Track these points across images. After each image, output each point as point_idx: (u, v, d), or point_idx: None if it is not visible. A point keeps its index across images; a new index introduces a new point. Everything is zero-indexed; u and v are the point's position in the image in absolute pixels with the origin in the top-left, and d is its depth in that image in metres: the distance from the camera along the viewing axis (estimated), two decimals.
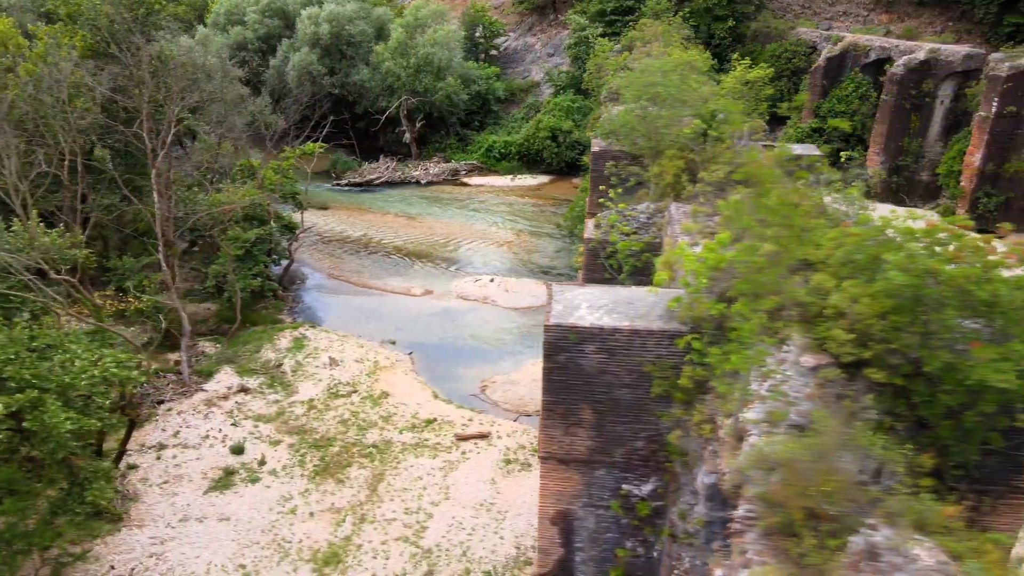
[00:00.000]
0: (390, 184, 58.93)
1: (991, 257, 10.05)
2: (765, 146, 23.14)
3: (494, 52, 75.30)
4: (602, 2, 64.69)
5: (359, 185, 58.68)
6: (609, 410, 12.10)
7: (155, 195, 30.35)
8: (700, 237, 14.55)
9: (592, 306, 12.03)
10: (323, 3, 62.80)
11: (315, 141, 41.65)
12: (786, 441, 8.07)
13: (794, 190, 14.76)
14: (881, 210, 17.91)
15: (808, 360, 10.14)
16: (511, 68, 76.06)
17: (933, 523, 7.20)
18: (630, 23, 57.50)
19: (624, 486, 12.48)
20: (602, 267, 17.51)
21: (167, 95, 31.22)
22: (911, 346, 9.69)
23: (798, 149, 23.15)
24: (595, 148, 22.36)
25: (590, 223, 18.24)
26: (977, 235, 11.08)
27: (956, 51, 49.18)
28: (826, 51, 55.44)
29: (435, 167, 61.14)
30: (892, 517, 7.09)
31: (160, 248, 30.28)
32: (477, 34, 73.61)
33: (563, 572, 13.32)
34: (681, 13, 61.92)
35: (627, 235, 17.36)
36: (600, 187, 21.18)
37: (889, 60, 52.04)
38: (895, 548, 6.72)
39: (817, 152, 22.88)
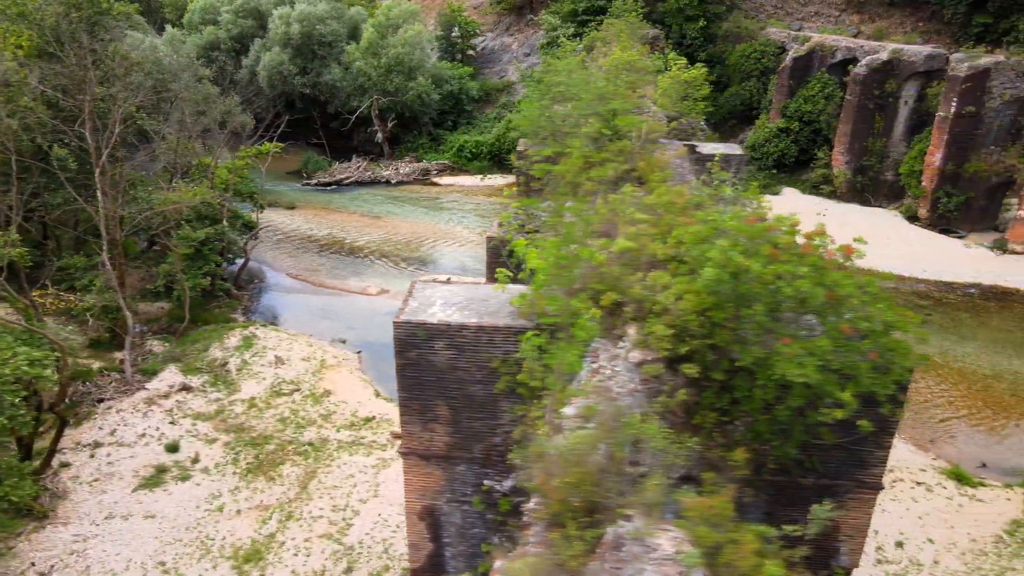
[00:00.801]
0: (360, 184, 59.01)
1: (810, 255, 10.16)
2: (687, 145, 23.30)
3: (471, 52, 75.40)
4: (574, 2, 64.81)
5: (329, 184, 58.77)
6: (464, 406, 12.24)
7: (99, 194, 30.44)
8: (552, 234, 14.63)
9: (446, 303, 12.18)
10: (295, 3, 62.90)
11: (271, 140, 41.70)
12: (571, 434, 8.22)
13: (676, 189, 14.87)
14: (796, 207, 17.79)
15: (635, 356, 10.27)
16: (488, 68, 76.16)
17: (693, 513, 7.33)
18: (602, 23, 57.51)
19: (485, 482, 12.63)
20: (505, 265, 17.62)
21: (111, 94, 31.30)
22: (728, 342, 9.83)
23: (721, 148, 23.26)
24: (520, 148, 22.54)
25: (495, 222, 18.42)
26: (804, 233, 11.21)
27: (918, 51, 49.34)
28: (793, 51, 55.59)
29: (406, 167, 61.26)
30: (648, 508, 7.22)
31: (104, 247, 30.35)
32: (453, 34, 73.71)
33: (435, 567, 13.46)
34: (640, 12, 62.11)
35: (529, 233, 17.48)
36: (520, 186, 21.34)
37: (855, 60, 52.16)
38: (638, 537, 6.84)
39: (739, 151, 22.98)
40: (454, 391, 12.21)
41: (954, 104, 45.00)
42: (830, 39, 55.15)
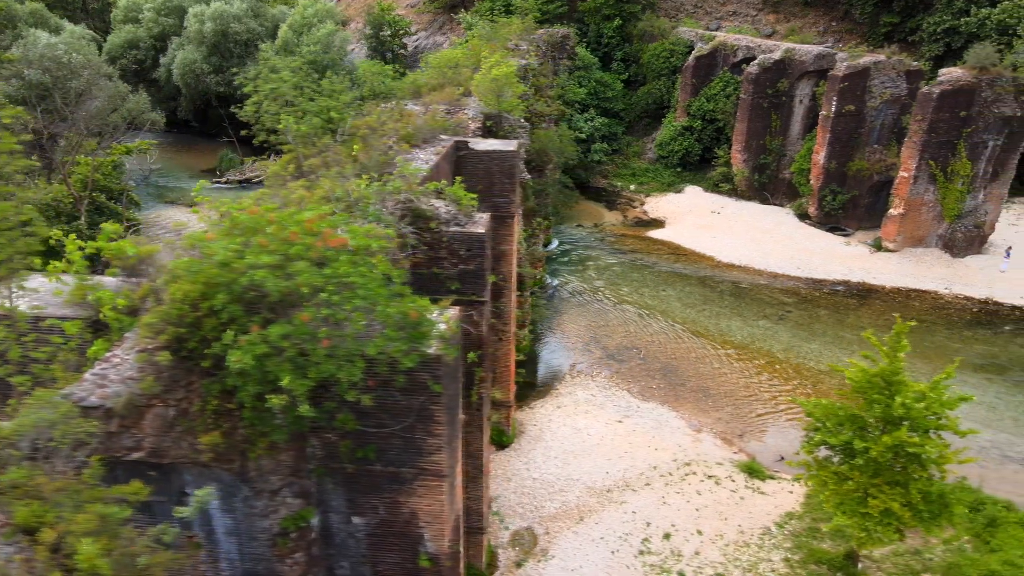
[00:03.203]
0: None
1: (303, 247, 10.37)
2: (459, 141, 23.51)
3: (402, 51, 75.57)
4: (492, 1, 65.17)
5: (240, 182, 58.92)
6: None
7: None
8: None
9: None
10: (210, 1, 63.04)
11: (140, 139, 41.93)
12: None
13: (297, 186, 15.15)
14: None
15: (141, 345, 10.57)
16: (417, 66, 76.38)
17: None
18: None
19: None
20: None
21: None
22: (211, 333, 10.11)
23: (497, 145, 23.49)
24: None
25: None
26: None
27: (809, 51, 49.69)
28: (696, 50, 55.91)
29: None
30: None
31: None
32: (383, 33, 73.88)
33: None
34: (554, 11, 62.62)
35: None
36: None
37: (755, 59, 52.48)
38: None
39: (511, 148, 23.23)
40: None
41: (834, 103, 45.39)
42: (732, 38, 55.50)
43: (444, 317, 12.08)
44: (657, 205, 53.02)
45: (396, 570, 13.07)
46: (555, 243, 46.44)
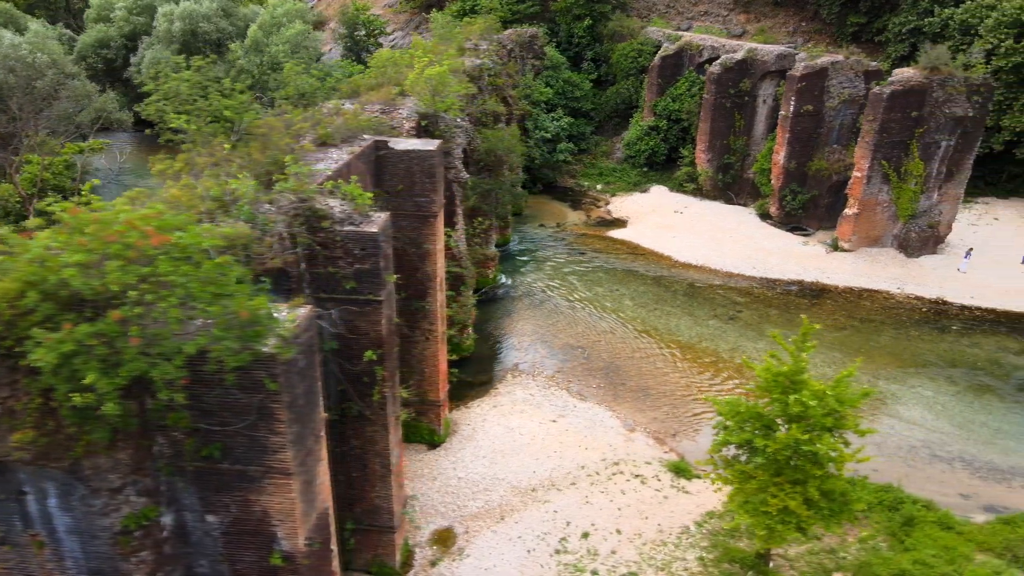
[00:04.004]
0: None
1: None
2: (380, 141, 23.53)
3: (378, 50, 75.61)
4: (463, 2, 65.26)
5: None
6: None
7: None
8: None
9: None
10: (180, 1, 63.05)
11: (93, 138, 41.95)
12: None
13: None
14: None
15: None
16: None
17: None
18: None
19: None
20: None
21: None
22: (26, 331, 10.15)
23: (417, 145, 23.50)
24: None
25: None
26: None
27: (770, 51, 49.73)
28: (662, 50, 55.94)
29: None
30: None
31: None
32: (357, 33, 73.90)
33: None
34: (526, 11, 62.67)
35: None
36: None
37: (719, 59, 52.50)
38: None
39: (431, 148, 23.24)
40: None
41: (793, 103, 45.44)
42: (697, 38, 55.54)
43: (291, 316, 12.12)
44: (621, 205, 53.06)
45: (253, 568, 13.11)
46: (515, 242, 46.48)
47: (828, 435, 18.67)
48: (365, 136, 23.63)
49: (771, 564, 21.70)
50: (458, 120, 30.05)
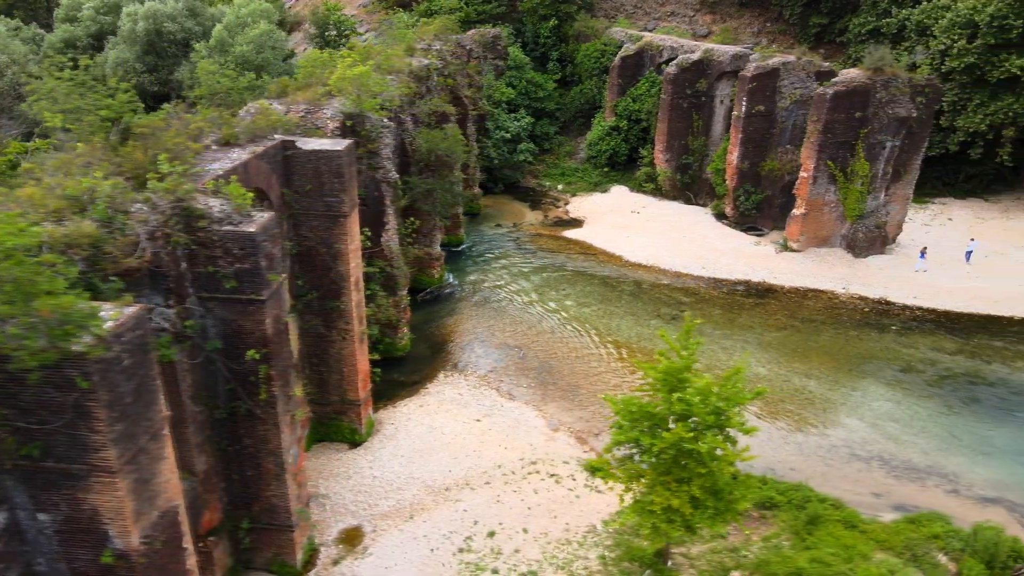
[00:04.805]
0: None
1: None
2: (287, 140, 23.58)
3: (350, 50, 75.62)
4: (431, 2, 65.35)
5: None
6: None
7: None
8: None
9: None
10: (144, 0, 63.02)
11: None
12: None
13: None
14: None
15: None
16: None
17: None
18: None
19: None
20: None
21: None
22: None
23: (326, 144, 23.55)
24: None
25: None
26: None
27: (726, 51, 49.81)
28: (622, 51, 56.02)
29: None
30: None
31: None
32: (328, 33, 73.95)
33: None
34: (491, 11, 62.77)
35: None
36: None
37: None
38: None
39: (340, 148, 23.30)
40: None
41: (744, 103, 45.54)
42: (658, 39, 55.64)
43: (114, 315, 12.18)
44: (581, 205, 53.14)
45: (91, 567, 13.16)
46: (468, 242, 46.54)
47: (712, 433, 18.73)
48: (276, 136, 23.71)
49: (670, 563, 21.78)
50: (384, 120, 30.12)
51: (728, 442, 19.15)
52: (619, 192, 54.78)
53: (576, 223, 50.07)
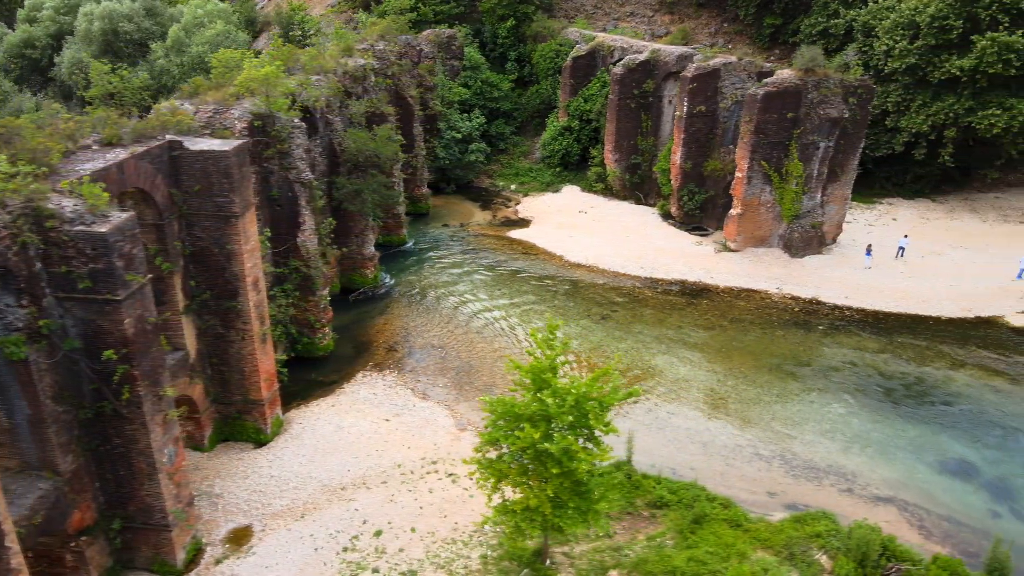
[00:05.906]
0: None
1: None
2: (174, 140, 23.62)
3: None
4: (386, 2, 65.42)
5: None
6: None
7: None
8: None
9: None
10: (101, 0, 63.02)
11: None
12: None
13: None
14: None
15: None
16: None
17: None
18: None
19: None
20: None
21: None
22: None
23: (215, 145, 23.59)
24: None
25: None
26: None
27: (672, 52, 49.87)
28: (574, 51, 56.10)
29: None
30: None
31: None
32: (292, 33, 73.97)
33: None
34: (452, 12, 62.79)
35: None
36: None
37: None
38: None
39: (227, 148, 23.35)
40: None
41: (686, 103, 45.62)
42: (609, 39, 55.74)
43: None
44: (531, 205, 53.22)
45: None
46: (411, 243, 46.59)
47: (572, 434, 18.80)
48: (164, 136, 23.76)
49: (548, 562, 21.86)
50: (295, 120, 30.19)
51: (591, 443, 19.24)
52: (570, 192, 54.87)
53: (523, 223, 50.14)
